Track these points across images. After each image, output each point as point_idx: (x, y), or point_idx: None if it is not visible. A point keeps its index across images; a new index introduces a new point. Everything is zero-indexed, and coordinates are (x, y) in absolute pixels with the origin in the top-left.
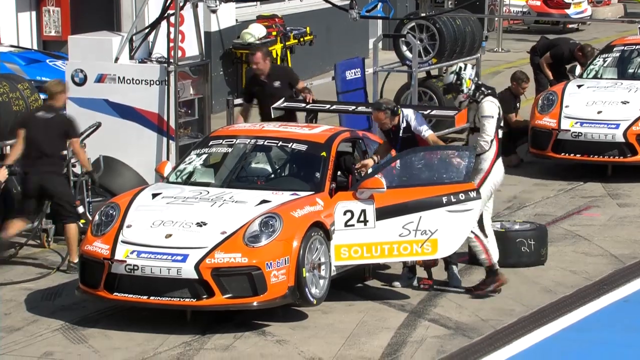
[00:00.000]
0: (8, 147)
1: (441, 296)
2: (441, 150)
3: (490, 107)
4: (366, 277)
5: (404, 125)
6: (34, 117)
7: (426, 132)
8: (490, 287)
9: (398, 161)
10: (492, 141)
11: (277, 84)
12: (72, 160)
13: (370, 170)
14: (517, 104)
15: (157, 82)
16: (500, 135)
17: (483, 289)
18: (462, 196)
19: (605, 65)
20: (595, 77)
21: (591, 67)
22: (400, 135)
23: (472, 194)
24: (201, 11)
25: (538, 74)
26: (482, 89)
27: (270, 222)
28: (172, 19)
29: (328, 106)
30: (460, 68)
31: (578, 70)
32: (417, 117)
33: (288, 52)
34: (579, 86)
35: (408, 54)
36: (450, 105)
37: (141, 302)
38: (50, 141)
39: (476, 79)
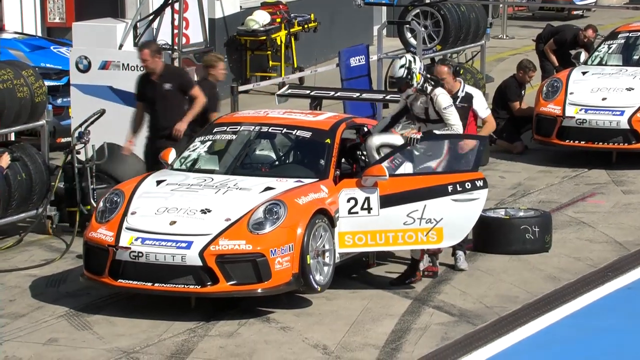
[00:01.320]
0: (13, 134)
1: (445, 283)
2: (451, 139)
3: (446, 97)
4: (370, 265)
5: (462, 94)
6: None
7: (486, 111)
8: (409, 279)
9: (407, 149)
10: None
11: (167, 86)
12: (77, 147)
13: (419, 137)
14: (522, 92)
15: None
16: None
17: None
18: (468, 185)
19: (610, 51)
20: (600, 63)
21: (596, 53)
22: (456, 104)
23: (479, 183)
24: None
25: (543, 61)
26: (429, 80)
27: (275, 209)
28: (176, 6)
29: (332, 93)
30: (410, 62)
31: (583, 57)
32: (480, 94)
33: (292, 39)
34: (584, 73)
35: (412, 41)
36: None
37: (146, 289)
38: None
39: (424, 71)
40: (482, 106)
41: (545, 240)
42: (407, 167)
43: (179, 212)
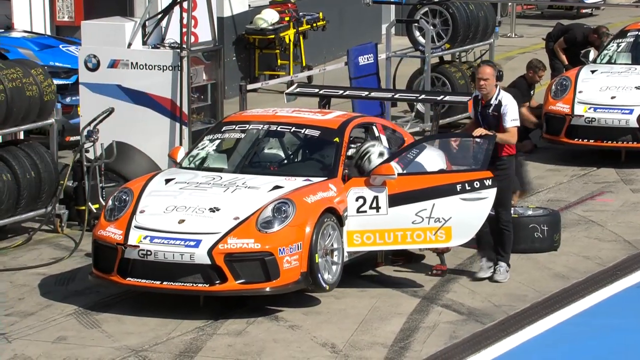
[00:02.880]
0: (22, 133)
1: (454, 282)
2: (460, 138)
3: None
4: (379, 263)
5: (495, 102)
6: None
7: (512, 122)
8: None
9: (415, 147)
10: None
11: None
12: (85, 146)
13: (481, 134)
14: (532, 92)
15: (170, 68)
16: None
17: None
18: (477, 184)
19: (619, 50)
20: (609, 62)
21: (605, 52)
22: (489, 112)
23: (488, 182)
24: None
25: (553, 60)
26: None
27: (283, 208)
28: (184, 4)
29: (341, 92)
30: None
31: (592, 55)
32: (512, 104)
33: (301, 38)
34: (593, 71)
35: (421, 40)
36: (464, 91)
37: (154, 287)
38: None
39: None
40: (510, 116)
41: (554, 239)
42: (415, 166)
43: (188, 210)
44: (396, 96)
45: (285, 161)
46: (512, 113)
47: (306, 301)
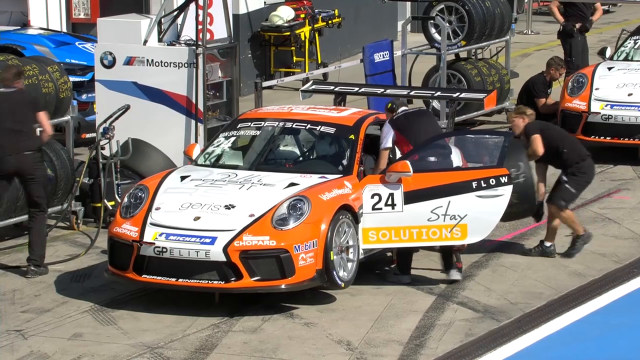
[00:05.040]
0: (38, 130)
1: (469, 279)
2: (476, 135)
3: None
4: (394, 261)
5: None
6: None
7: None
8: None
9: (431, 145)
10: None
11: None
12: (101, 143)
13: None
14: (549, 90)
15: (186, 65)
16: None
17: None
18: (492, 181)
19: (636, 47)
20: (625, 59)
21: (622, 49)
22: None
23: (504, 179)
24: None
25: (568, 60)
26: None
27: (299, 205)
28: (200, 2)
29: (356, 89)
30: None
31: (609, 52)
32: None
33: (316, 35)
34: (610, 68)
35: (437, 37)
36: (480, 87)
37: (170, 284)
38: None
39: None
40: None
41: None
42: (431, 164)
43: (203, 207)
44: (412, 93)
45: (301, 158)
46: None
47: (321, 298)
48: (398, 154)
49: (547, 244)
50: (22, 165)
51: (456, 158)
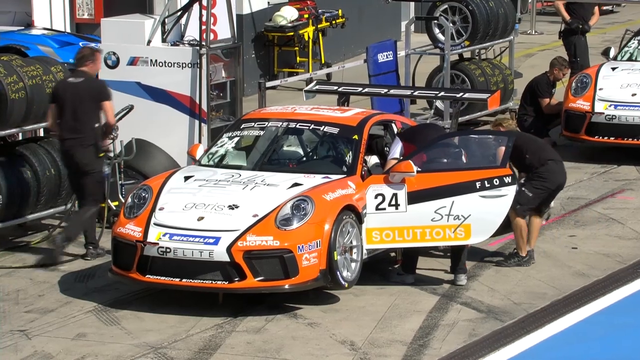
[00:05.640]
0: (42, 130)
1: (473, 280)
2: (479, 135)
3: None
4: (398, 261)
5: None
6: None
7: None
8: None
9: (434, 145)
10: None
11: None
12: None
13: None
14: (553, 90)
15: (189, 65)
16: None
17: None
18: (496, 181)
19: (639, 47)
20: (629, 59)
21: (626, 49)
22: None
23: (507, 180)
24: None
25: (573, 61)
26: None
27: (302, 205)
28: (204, 2)
29: (360, 89)
30: None
31: (612, 52)
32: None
33: (320, 35)
34: (613, 69)
35: (440, 37)
36: (483, 88)
37: (173, 285)
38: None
39: None
40: None
41: None
42: (435, 164)
43: (207, 207)
44: (415, 93)
45: (304, 158)
46: None
47: (325, 298)
48: None
49: (523, 254)
50: (79, 158)
51: (460, 158)
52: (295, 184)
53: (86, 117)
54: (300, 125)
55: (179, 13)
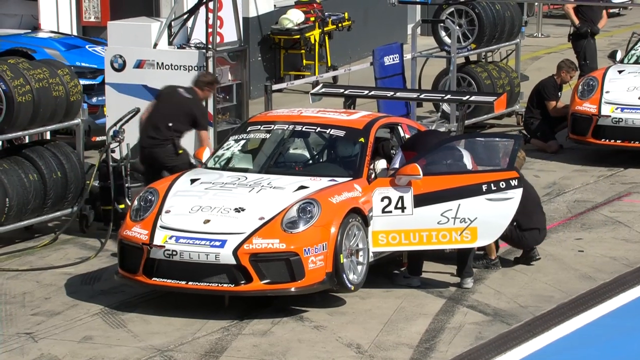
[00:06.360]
0: (48, 133)
1: (479, 282)
2: (486, 138)
3: None
4: (404, 264)
5: None
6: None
7: None
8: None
9: (440, 148)
10: None
11: None
12: (112, 146)
13: None
14: (560, 93)
15: (196, 68)
16: None
17: None
18: (502, 184)
19: None
20: (636, 62)
21: (632, 52)
22: None
23: (514, 182)
24: None
25: (582, 64)
26: None
27: (308, 208)
28: (210, 5)
29: (366, 92)
30: None
31: (619, 55)
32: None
33: (326, 38)
34: (620, 72)
35: (447, 40)
36: (489, 90)
37: (179, 287)
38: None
39: None
40: None
41: None
42: (441, 167)
43: (213, 210)
44: (422, 96)
45: (311, 161)
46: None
47: (331, 301)
48: None
49: (492, 257)
50: (156, 156)
51: (466, 161)
52: (302, 187)
53: (174, 128)
54: (306, 128)
55: (185, 16)
